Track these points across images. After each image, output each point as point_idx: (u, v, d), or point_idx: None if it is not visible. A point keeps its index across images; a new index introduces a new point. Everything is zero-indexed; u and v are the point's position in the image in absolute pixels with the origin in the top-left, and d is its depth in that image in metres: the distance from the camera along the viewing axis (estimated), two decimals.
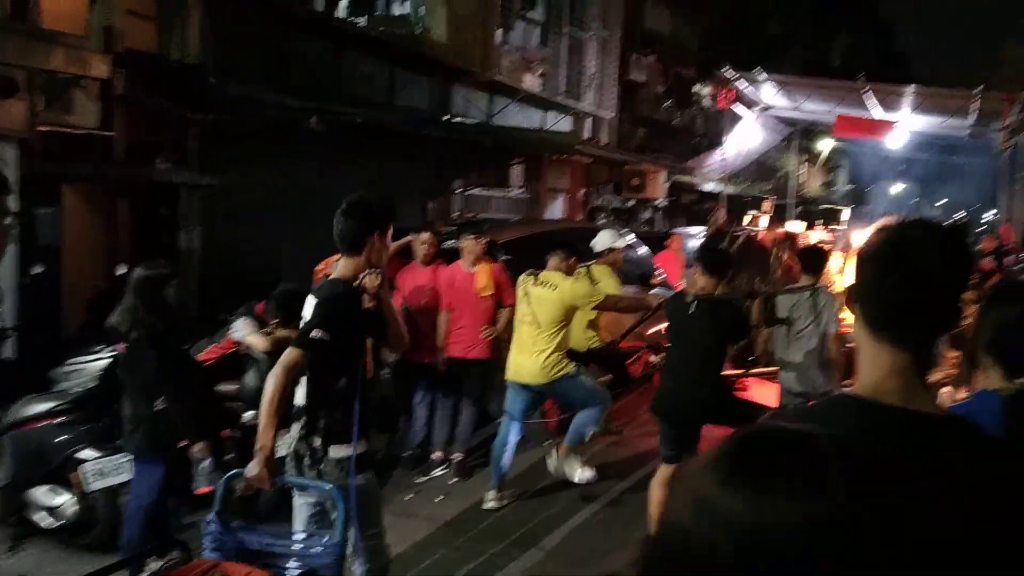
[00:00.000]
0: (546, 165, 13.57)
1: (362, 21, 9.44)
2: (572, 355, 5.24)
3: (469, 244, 5.63)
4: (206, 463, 4.35)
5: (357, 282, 2.93)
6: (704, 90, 21.59)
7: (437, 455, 5.69)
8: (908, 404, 1.23)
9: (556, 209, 14.70)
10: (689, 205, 21.60)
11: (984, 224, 41.51)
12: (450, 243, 6.72)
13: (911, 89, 15.80)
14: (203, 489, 4.37)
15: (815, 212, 22.38)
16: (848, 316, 4.25)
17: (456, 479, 5.55)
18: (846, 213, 23.25)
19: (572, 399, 5.17)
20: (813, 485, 0.68)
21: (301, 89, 8.00)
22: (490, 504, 5.00)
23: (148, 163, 6.98)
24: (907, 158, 24.98)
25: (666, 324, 4.65)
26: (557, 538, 4.62)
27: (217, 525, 2.60)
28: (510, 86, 12.15)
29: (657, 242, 10.81)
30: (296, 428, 2.94)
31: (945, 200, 63.30)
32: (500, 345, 5.81)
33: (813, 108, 17.87)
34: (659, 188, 16.23)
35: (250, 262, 7.92)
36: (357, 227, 2.98)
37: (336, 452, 2.88)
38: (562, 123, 14.26)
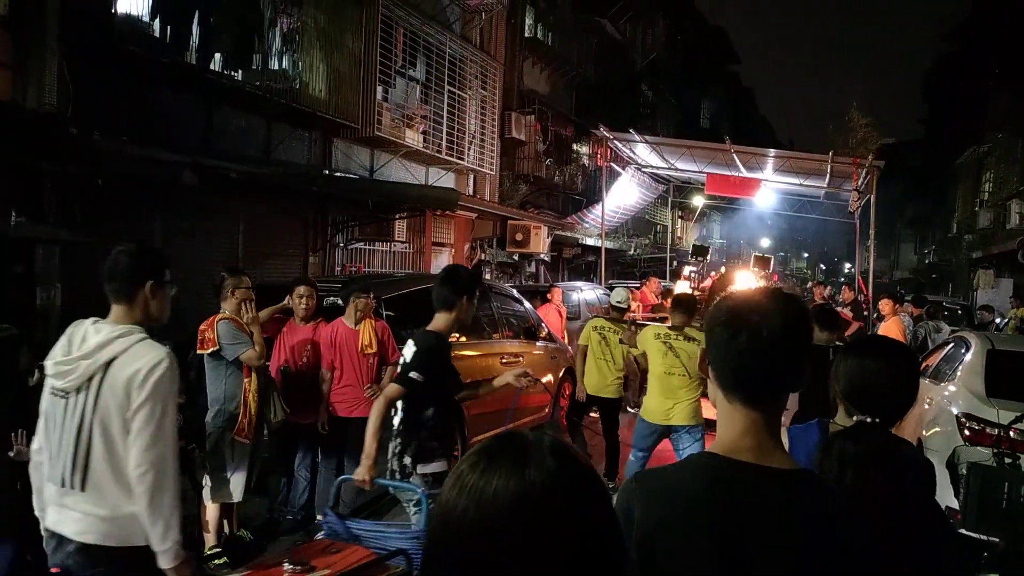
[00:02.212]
0: (430, 220, 13.60)
1: (238, 75, 9.23)
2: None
3: (361, 303, 5.52)
4: None
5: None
6: (582, 148, 22.44)
7: (320, 518, 5.43)
8: (761, 460, 1.32)
9: (441, 263, 14.70)
10: (571, 259, 22.17)
11: (843, 277, 44.82)
12: (331, 300, 6.55)
13: (772, 152, 16.97)
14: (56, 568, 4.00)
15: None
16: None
17: None
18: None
19: (699, 446, 5.73)
20: (519, 467, 0.93)
21: (172, 142, 7.69)
22: None
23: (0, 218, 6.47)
24: (775, 214, 26.67)
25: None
26: None
27: (332, 516, 3.41)
28: (392, 141, 12.17)
29: (540, 296, 11.00)
30: (391, 447, 3.57)
31: (807, 255, 68.20)
32: None
33: (685, 167, 18.83)
34: (542, 243, 16.56)
35: None
36: (452, 291, 3.69)
37: (422, 469, 3.52)
38: (445, 179, 14.39)
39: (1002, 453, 4.27)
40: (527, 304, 9.14)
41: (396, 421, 3.60)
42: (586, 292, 12.93)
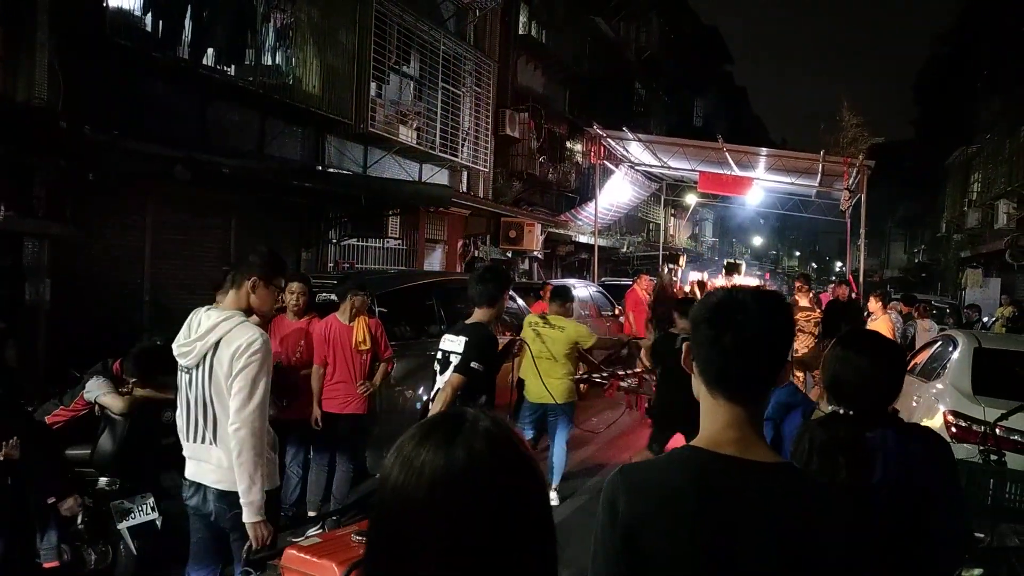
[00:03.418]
0: (423, 216, 13.59)
1: (231, 70, 9.20)
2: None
3: (357, 301, 5.52)
4: (52, 536, 4.05)
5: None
6: (576, 146, 22.47)
7: (312, 514, 5.44)
8: (743, 454, 1.35)
9: (435, 260, 14.70)
10: (564, 257, 22.20)
11: (835, 275, 44.99)
12: (324, 295, 6.55)
13: (764, 151, 17.04)
14: (50, 564, 4.04)
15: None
16: None
17: None
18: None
19: (563, 423, 6.18)
20: (448, 443, 0.96)
21: (164, 137, 7.67)
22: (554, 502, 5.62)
23: None
24: (766, 212, 26.78)
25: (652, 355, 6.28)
26: None
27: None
28: (385, 138, 12.16)
29: (534, 293, 11.03)
30: None
31: (798, 254, 68.46)
32: (376, 400, 5.70)
33: (678, 165, 18.88)
34: (535, 240, 16.59)
35: (107, 317, 7.42)
36: (495, 288, 4.01)
37: None
38: (438, 176, 14.38)
39: (988, 450, 4.31)
40: (520, 301, 9.16)
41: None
42: (579, 290, 12.95)
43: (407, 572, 0.94)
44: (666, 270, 15.77)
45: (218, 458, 2.97)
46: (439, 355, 4.01)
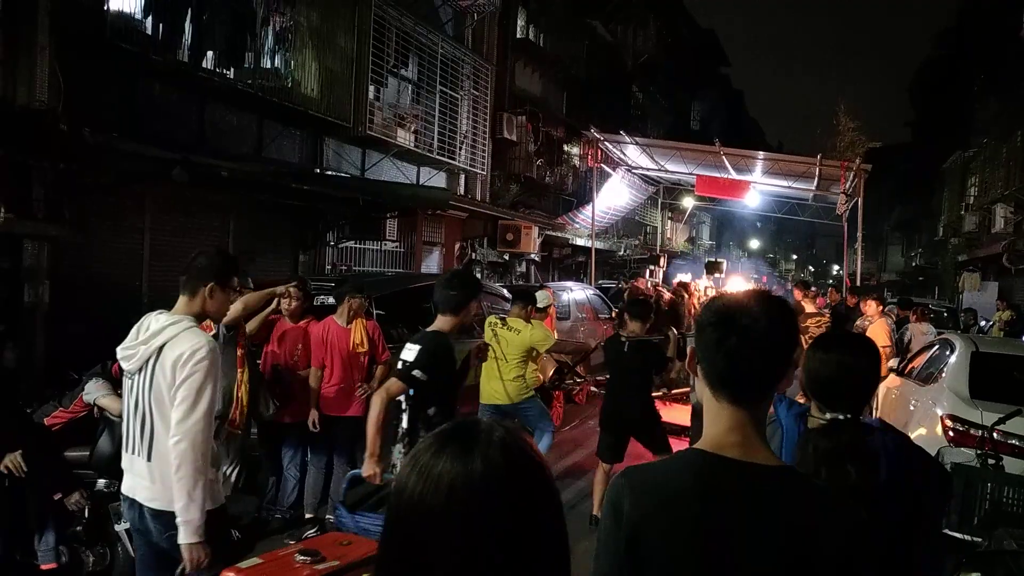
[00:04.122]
0: (421, 219, 13.60)
1: (229, 73, 9.22)
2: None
3: (355, 304, 5.52)
4: (50, 538, 4.05)
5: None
6: (573, 149, 22.49)
7: (309, 516, 5.44)
8: (746, 457, 1.36)
9: (432, 263, 14.71)
10: (561, 259, 22.21)
11: (831, 279, 45.09)
12: (321, 298, 6.55)
13: (760, 155, 17.08)
14: (47, 565, 4.04)
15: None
16: None
17: None
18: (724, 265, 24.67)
19: (530, 417, 6.10)
20: (465, 453, 0.98)
21: (163, 139, 7.67)
22: None
23: None
24: (764, 215, 26.84)
25: (604, 359, 6.18)
26: None
27: (342, 509, 3.46)
28: (383, 141, 12.18)
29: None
30: (397, 448, 3.67)
31: (795, 257, 68.57)
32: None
33: (675, 168, 18.92)
34: (532, 243, 16.60)
35: (106, 319, 7.40)
36: (462, 295, 3.75)
37: None
38: (436, 178, 14.39)
39: (985, 454, 4.33)
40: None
41: (404, 420, 3.69)
42: (576, 292, 12.95)
43: None
44: (647, 273, 15.82)
45: (152, 473, 2.77)
46: (399, 365, 3.71)
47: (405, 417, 3.68)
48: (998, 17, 21.97)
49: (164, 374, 2.72)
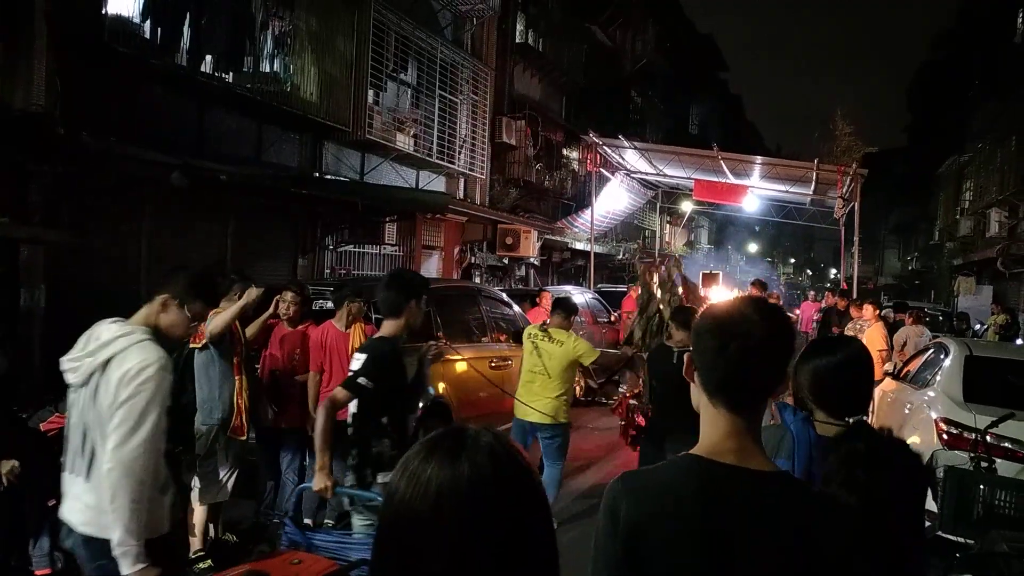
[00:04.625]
0: (420, 223, 13.62)
1: (229, 77, 9.24)
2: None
3: (355, 308, 5.53)
4: (45, 543, 4.06)
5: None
6: (572, 154, 22.54)
7: (308, 522, 5.44)
8: (742, 463, 1.38)
9: (431, 267, 14.73)
10: (560, 263, 22.24)
11: (828, 283, 45.12)
12: (320, 302, 6.56)
13: (758, 159, 17.13)
14: (42, 571, 4.04)
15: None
16: None
17: None
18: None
19: (553, 447, 5.73)
20: (453, 458, 1.00)
21: (162, 143, 7.70)
22: None
23: None
24: (762, 220, 26.89)
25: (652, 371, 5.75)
26: None
27: (292, 527, 3.23)
28: (382, 144, 12.21)
29: (530, 299, 11.05)
30: (350, 459, 3.54)
31: (793, 261, 68.68)
32: None
33: (673, 173, 18.96)
34: (531, 247, 16.63)
35: None
36: (397, 296, 3.54)
37: (383, 478, 3.34)
38: (435, 182, 14.42)
39: (978, 457, 4.36)
40: (517, 308, 9.18)
41: (350, 431, 3.53)
42: (576, 296, 12.97)
43: None
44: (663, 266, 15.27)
45: (88, 496, 2.50)
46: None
47: (351, 430, 3.53)
48: (995, 22, 22.06)
49: (108, 391, 2.45)
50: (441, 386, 6.82)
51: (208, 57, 8.88)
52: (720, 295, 12.24)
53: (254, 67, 9.50)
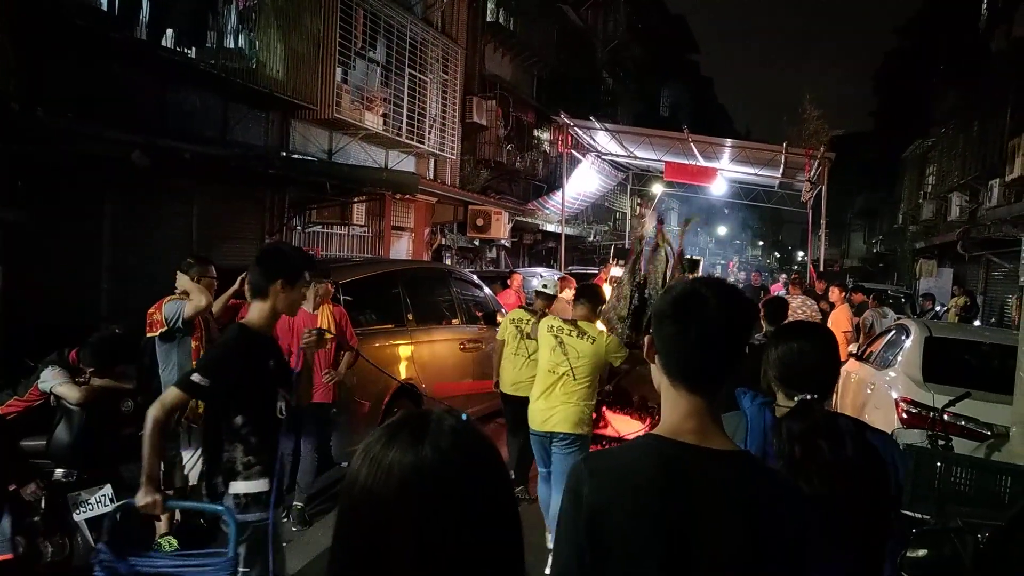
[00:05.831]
0: (389, 204, 13.51)
1: (191, 53, 9.03)
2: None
3: (321, 289, 5.47)
4: (6, 527, 3.99)
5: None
6: (544, 135, 22.48)
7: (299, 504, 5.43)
8: (703, 442, 1.40)
9: (401, 248, 14.64)
10: (531, 245, 22.24)
11: (796, 265, 45.72)
12: None
13: (728, 142, 17.24)
14: (3, 556, 3.97)
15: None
16: None
17: (296, 528, 5.32)
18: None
19: (567, 463, 4.71)
20: (415, 442, 0.99)
21: (122, 121, 7.50)
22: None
23: None
24: (731, 203, 27.11)
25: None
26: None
27: (108, 554, 2.69)
28: (351, 123, 12.06)
29: (501, 281, 11.05)
30: (189, 465, 3.24)
31: (761, 243, 69.39)
32: (341, 388, 5.69)
33: (644, 155, 19.00)
34: (503, 228, 16.60)
35: (62, 305, 7.26)
36: (261, 276, 3.02)
37: (235, 488, 2.93)
38: (405, 162, 14.30)
39: (936, 435, 4.47)
40: (487, 289, 9.18)
41: (190, 437, 3.30)
42: (547, 278, 12.97)
43: (377, 570, 0.97)
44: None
45: None
46: None
47: (196, 430, 3.22)
48: (958, 9, 22.33)
49: None
50: (408, 367, 6.81)
51: (169, 31, 8.66)
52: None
53: (218, 43, 9.29)
